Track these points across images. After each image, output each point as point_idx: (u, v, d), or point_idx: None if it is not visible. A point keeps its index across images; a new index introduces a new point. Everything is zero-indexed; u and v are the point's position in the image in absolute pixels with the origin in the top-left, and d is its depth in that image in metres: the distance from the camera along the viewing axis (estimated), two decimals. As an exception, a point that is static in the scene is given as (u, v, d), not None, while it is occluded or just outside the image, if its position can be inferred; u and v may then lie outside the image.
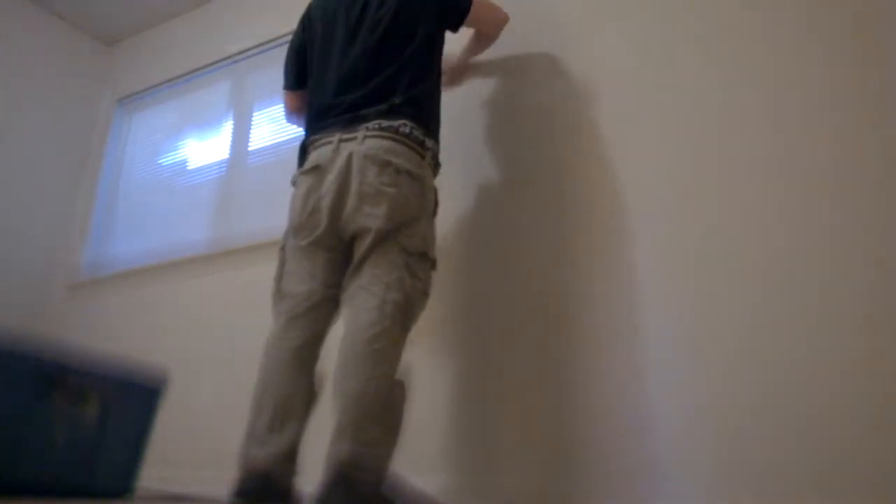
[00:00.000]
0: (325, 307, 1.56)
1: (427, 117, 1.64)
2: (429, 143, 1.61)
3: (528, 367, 1.72)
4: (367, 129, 1.56)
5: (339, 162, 1.55)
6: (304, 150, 1.69)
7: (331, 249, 1.58)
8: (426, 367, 1.88)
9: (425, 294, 1.55)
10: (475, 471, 1.71)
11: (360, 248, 1.52)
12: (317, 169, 1.60)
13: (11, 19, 3.24)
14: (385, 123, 1.56)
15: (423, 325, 1.91)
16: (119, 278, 2.90)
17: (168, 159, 3.12)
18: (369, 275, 1.50)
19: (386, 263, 1.49)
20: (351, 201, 1.52)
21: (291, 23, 2.78)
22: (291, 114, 1.99)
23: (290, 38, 2.85)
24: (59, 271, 3.14)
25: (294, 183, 1.67)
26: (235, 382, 1.51)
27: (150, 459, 1.79)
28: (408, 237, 1.52)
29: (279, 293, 1.61)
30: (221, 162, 2.83)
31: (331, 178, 1.56)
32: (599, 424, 1.58)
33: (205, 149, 2.95)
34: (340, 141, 1.58)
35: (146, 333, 2.64)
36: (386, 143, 1.55)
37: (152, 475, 1.88)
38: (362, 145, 1.54)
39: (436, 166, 1.67)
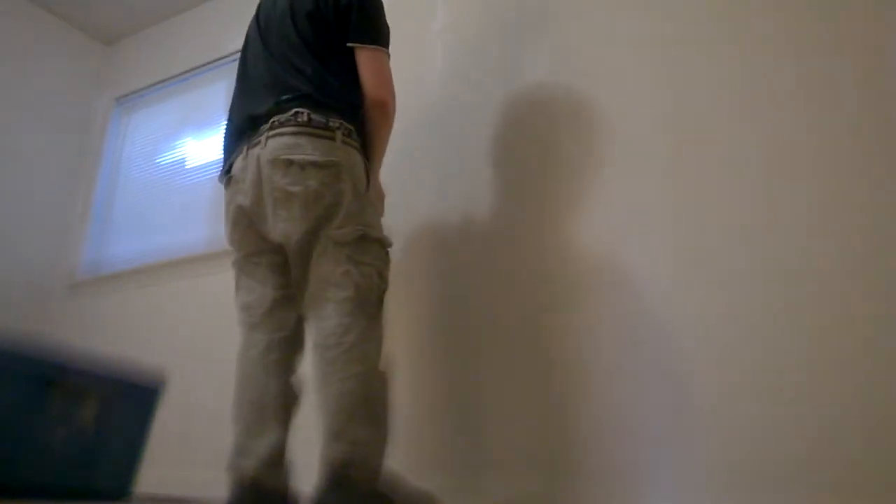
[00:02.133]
0: (280, 309, 1.56)
1: (325, 95, 1.53)
2: (334, 122, 1.50)
3: (520, 368, 1.72)
4: (268, 131, 1.51)
5: (250, 170, 1.52)
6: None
7: (269, 254, 1.57)
8: (417, 367, 1.88)
9: (381, 277, 1.51)
10: (466, 471, 1.71)
11: (292, 254, 1.50)
12: (232, 180, 1.59)
13: (9, 18, 3.23)
14: (281, 118, 1.50)
15: (418, 325, 1.91)
16: (118, 278, 2.90)
17: (166, 158, 3.11)
18: (315, 279, 1.48)
19: (326, 263, 1.46)
20: (268, 208, 1.50)
21: (290, 21, 2.77)
22: None
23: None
24: (58, 271, 3.14)
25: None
26: (234, 383, 1.50)
27: (148, 460, 1.79)
28: (337, 229, 1.47)
29: (239, 306, 1.61)
30: (220, 161, 2.82)
31: (244, 188, 1.54)
32: (591, 425, 1.57)
33: (203, 148, 2.95)
34: (248, 148, 1.55)
35: (145, 333, 2.64)
36: (286, 140, 1.48)
37: (150, 476, 1.88)
38: (265, 149, 1.50)
39: (355, 139, 1.55)
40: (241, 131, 1.59)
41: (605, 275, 1.69)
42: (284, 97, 1.52)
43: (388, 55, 1.63)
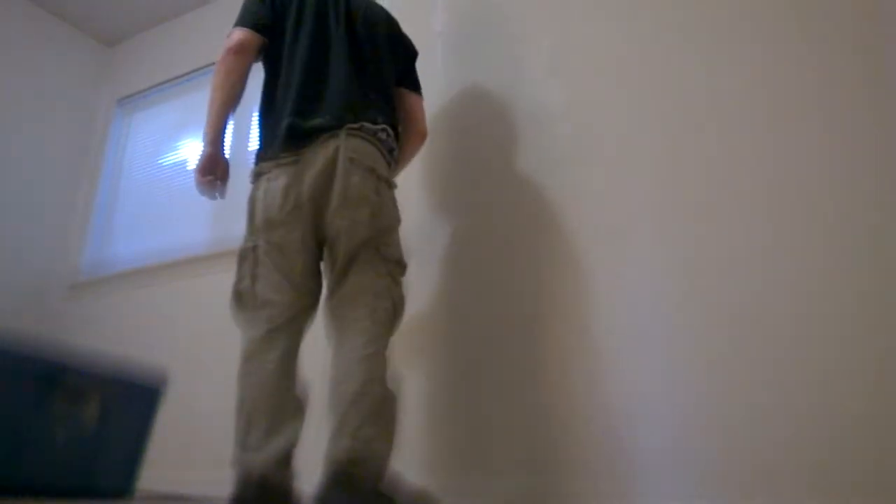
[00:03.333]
0: (303, 317, 1.54)
1: (395, 122, 1.70)
2: (396, 152, 1.68)
3: (518, 368, 1.72)
4: (351, 128, 1.55)
5: (323, 157, 1.51)
6: (274, 138, 1.57)
7: (308, 251, 1.54)
8: (415, 368, 1.88)
9: (403, 299, 1.60)
10: (463, 472, 1.71)
11: (341, 253, 1.52)
12: (297, 163, 1.52)
13: (12, 19, 3.24)
14: (368, 126, 1.58)
15: (414, 326, 1.92)
16: (119, 278, 2.90)
17: (168, 159, 3.12)
18: (356, 284, 1.52)
19: (371, 271, 1.52)
20: (334, 201, 1.50)
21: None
22: (244, 56, 1.64)
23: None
24: (60, 271, 3.14)
25: (258, 176, 1.59)
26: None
27: (150, 459, 1.79)
28: (386, 245, 1.56)
29: (254, 298, 1.52)
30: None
31: (312, 174, 1.51)
32: (589, 424, 1.57)
33: (204, 149, 2.95)
34: (328, 138, 1.53)
35: (146, 333, 2.64)
36: (368, 148, 1.56)
37: (152, 475, 1.88)
38: (346, 143, 1.52)
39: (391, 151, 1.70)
40: (322, 118, 1.56)
41: (603, 277, 1.69)
42: (374, 109, 1.62)
43: None
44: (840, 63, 1.55)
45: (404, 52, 1.86)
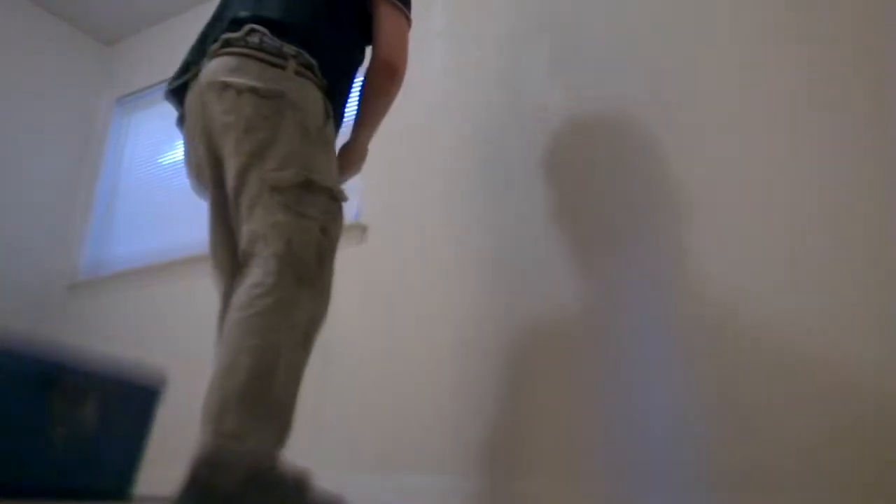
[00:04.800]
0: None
1: (298, 22, 1.34)
2: (290, 48, 1.29)
3: (532, 369, 1.72)
4: (212, 50, 1.32)
5: (193, 98, 1.35)
6: None
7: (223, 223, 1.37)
8: (422, 369, 1.88)
9: (325, 233, 1.23)
10: (491, 472, 1.70)
11: (230, 204, 1.29)
12: (184, 116, 1.40)
13: (10, 19, 3.23)
14: (228, 36, 1.30)
15: (414, 325, 1.91)
16: (118, 278, 2.90)
17: (167, 158, 3.11)
18: (246, 231, 1.23)
19: (259, 210, 1.21)
20: (213, 141, 1.30)
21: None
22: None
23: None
24: (59, 271, 3.14)
25: None
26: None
27: (148, 460, 1.79)
28: (273, 170, 1.21)
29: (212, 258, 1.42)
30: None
31: (191, 123, 1.36)
32: (610, 427, 1.57)
33: (204, 148, 2.95)
34: (195, 75, 1.36)
35: (145, 333, 2.64)
36: (228, 60, 1.28)
37: (151, 476, 1.87)
38: (204, 71, 1.31)
39: (316, 74, 1.32)
40: (193, 51, 1.42)
41: (604, 277, 1.69)
42: (244, 13, 1.32)
43: (410, 23, 1.46)
44: (841, 62, 1.54)
45: None
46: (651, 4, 1.86)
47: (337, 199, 1.29)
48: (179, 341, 2.50)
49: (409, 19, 1.46)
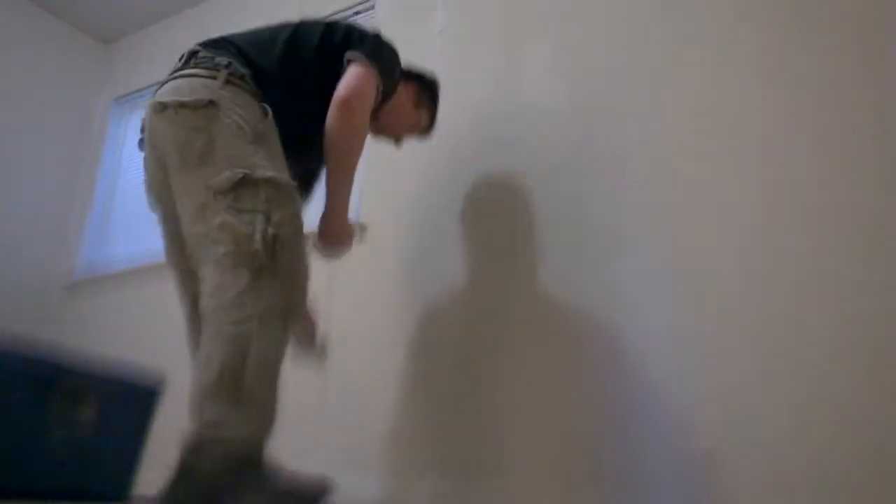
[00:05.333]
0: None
1: (226, 40, 1.42)
2: (221, 60, 1.34)
3: (527, 372, 1.71)
4: (169, 78, 1.39)
5: (143, 121, 1.42)
6: None
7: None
8: (427, 371, 1.87)
9: (270, 221, 1.25)
10: (470, 474, 1.70)
11: (181, 219, 1.33)
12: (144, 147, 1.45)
13: (7, 17, 3.22)
14: (176, 66, 1.39)
15: (413, 324, 1.90)
16: (116, 278, 2.89)
17: (165, 158, 3.10)
18: (194, 237, 1.29)
19: (207, 217, 1.25)
20: (162, 160, 1.36)
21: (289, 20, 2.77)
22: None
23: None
24: (56, 271, 3.13)
25: None
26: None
27: (147, 462, 1.78)
28: (214, 176, 1.25)
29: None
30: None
31: (145, 145, 1.43)
32: (593, 427, 1.57)
33: (202, 148, 2.94)
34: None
35: (143, 334, 2.63)
36: (169, 84, 1.35)
37: (149, 478, 1.87)
38: (156, 95, 1.37)
39: (248, 83, 1.36)
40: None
41: (605, 278, 1.68)
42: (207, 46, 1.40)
43: (378, 81, 1.44)
44: (841, 62, 1.54)
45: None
46: (652, 4, 1.86)
47: (278, 186, 1.28)
48: (178, 342, 2.48)
49: (378, 75, 1.43)
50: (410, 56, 2.20)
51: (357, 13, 2.60)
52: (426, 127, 1.81)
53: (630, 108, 1.79)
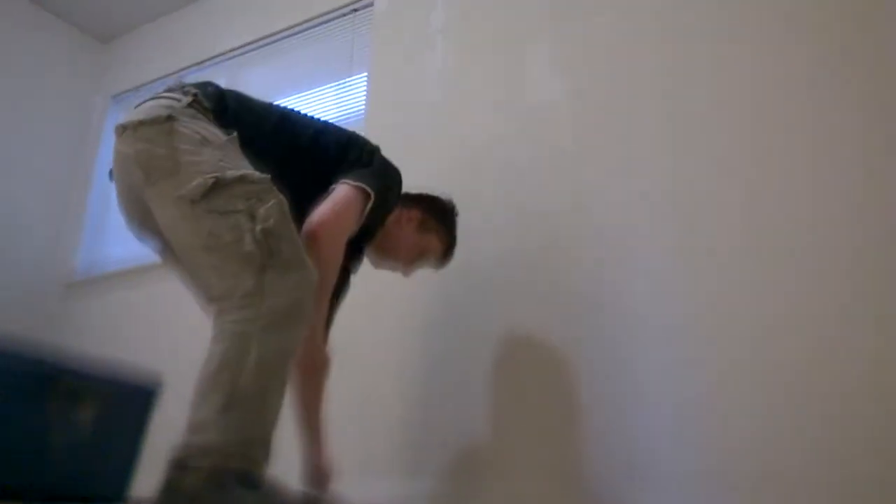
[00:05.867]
0: None
1: (199, 85, 1.40)
2: (190, 87, 1.35)
3: (531, 375, 1.71)
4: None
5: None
6: None
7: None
8: (420, 370, 1.87)
9: (254, 217, 1.21)
10: (467, 475, 1.69)
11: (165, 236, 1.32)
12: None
13: (5, 15, 3.21)
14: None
15: (418, 329, 1.90)
16: (115, 278, 2.88)
17: (164, 157, 3.09)
18: (182, 249, 1.28)
19: (190, 227, 1.23)
20: (132, 182, 1.32)
21: (286, 19, 2.76)
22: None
23: (284, 33, 2.83)
24: (54, 271, 3.12)
25: None
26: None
27: (145, 463, 1.77)
28: (182, 184, 1.22)
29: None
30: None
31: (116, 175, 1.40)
32: (592, 429, 1.56)
33: (201, 146, 2.93)
34: None
35: (141, 334, 2.63)
36: (134, 109, 1.34)
37: (147, 479, 1.86)
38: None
39: (208, 110, 1.34)
40: None
41: (606, 277, 1.68)
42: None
43: (366, 197, 1.38)
44: (834, 64, 1.54)
45: None
46: (653, 4, 1.85)
47: (255, 181, 1.25)
48: (176, 342, 2.48)
49: (365, 194, 1.38)
50: (411, 55, 2.19)
51: (355, 10, 2.60)
52: (440, 252, 1.67)
53: (632, 109, 1.79)
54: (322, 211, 1.34)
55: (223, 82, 3.02)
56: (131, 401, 1.75)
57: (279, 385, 1.17)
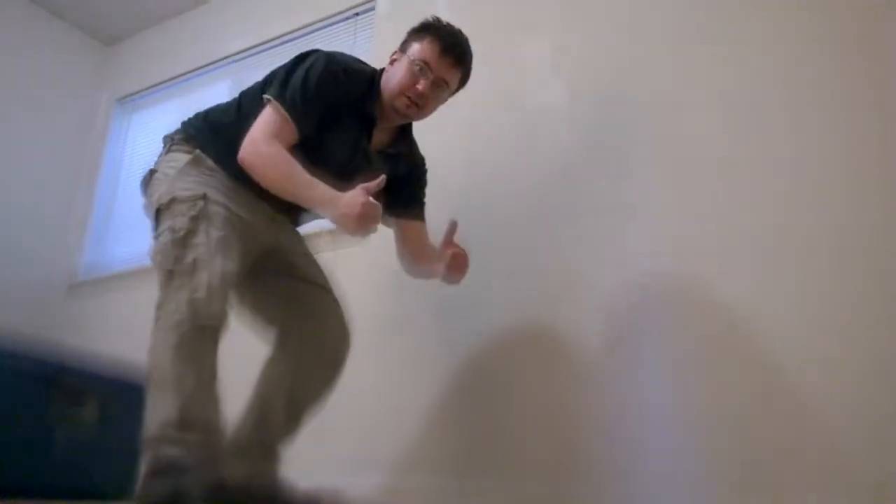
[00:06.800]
0: None
1: (190, 121, 1.60)
2: (176, 135, 1.55)
3: (530, 370, 1.71)
4: None
5: None
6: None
7: None
8: (419, 366, 1.87)
9: (173, 230, 1.39)
10: (467, 472, 1.70)
11: None
12: None
13: (10, 19, 3.23)
14: None
15: (412, 325, 1.90)
16: (118, 278, 2.89)
17: (167, 159, 3.11)
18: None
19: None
20: None
21: (290, 21, 2.77)
22: None
23: (287, 36, 2.84)
24: (59, 271, 3.14)
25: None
26: (231, 383, 1.50)
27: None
28: (154, 229, 1.49)
29: None
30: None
31: None
32: (594, 428, 1.57)
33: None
34: None
35: (145, 334, 2.63)
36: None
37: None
38: None
39: (189, 142, 1.52)
40: None
41: (606, 278, 1.68)
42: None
43: (284, 116, 1.43)
44: (846, 62, 1.54)
45: None
46: (654, 4, 1.86)
47: (183, 200, 1.41)
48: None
49: (282, 111, 1.43)
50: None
51: (357, 14, 2.61)
52: (432, 52, 1.56)
53: (632, 109, 1.80)
54: (247, 137, 1.42)
55: (226, 86, 3.06)
56: (134, 399, 1.76)
57: (186, 368, 1.31)
